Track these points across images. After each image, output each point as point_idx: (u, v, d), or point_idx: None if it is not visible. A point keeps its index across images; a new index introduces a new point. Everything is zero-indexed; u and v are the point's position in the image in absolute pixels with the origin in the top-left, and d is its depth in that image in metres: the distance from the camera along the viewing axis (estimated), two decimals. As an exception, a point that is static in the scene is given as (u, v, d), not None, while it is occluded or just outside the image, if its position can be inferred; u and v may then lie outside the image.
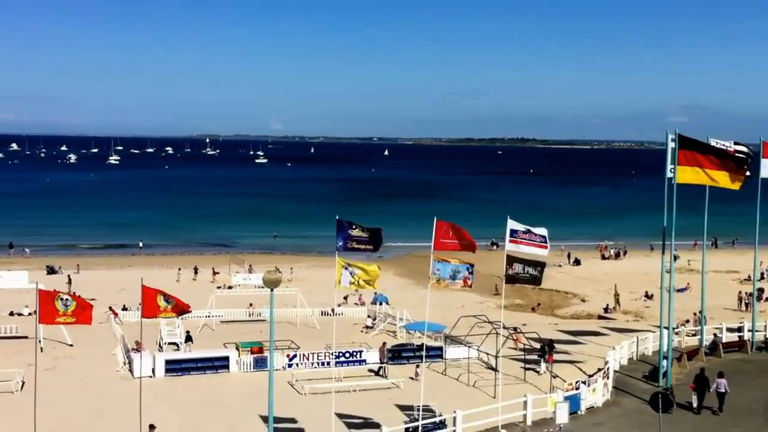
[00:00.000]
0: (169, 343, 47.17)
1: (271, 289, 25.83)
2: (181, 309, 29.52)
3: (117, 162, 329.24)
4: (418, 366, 41.03)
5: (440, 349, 45.55)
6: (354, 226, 31.22)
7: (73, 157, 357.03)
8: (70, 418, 34.38)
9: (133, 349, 43.22)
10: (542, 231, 35.13)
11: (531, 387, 39.18)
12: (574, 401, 34.85)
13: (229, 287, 66.97)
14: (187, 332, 47.86)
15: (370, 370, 43.17)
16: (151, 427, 29.76)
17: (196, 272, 79.31)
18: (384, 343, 45.89)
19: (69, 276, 73.32)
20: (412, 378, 40.72)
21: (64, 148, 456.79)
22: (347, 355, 44.32)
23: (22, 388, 38.04)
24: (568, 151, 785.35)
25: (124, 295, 63.59)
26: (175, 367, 41.88)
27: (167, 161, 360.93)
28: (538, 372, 41.86)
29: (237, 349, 44.29)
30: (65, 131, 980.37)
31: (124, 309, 57.69)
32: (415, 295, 68.43)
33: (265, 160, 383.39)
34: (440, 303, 59.58)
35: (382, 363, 43.15)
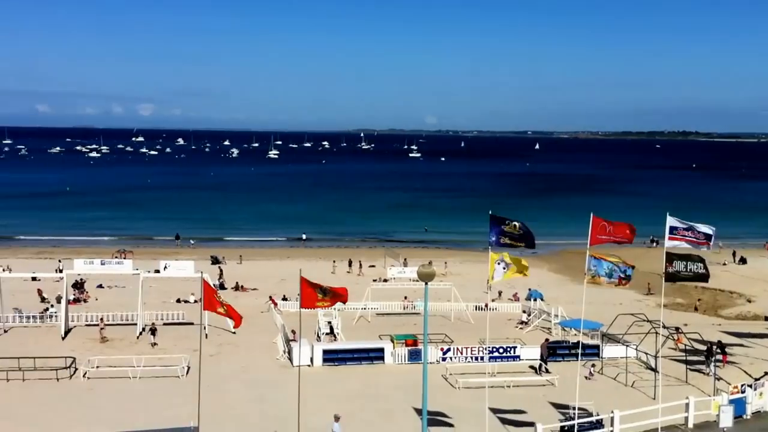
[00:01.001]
0: (327, 334, 48.28)
1: (426, 283, 25.97)
2: (338, 297, 29.99)
3: (276, 156, 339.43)
4: (593, 365, 40.37)
5: (597, 347, 44.52)
6: (507, 222, 30.90)
7: (235, 152, 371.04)
8: (233, 403, 35.81)
9: (291, 339, 44.56)
10: (708, 229, 33.62)
11: (693, 389, 37.74)
12: (739, 405, 33.34)
13: (385, 280, 67.82)
14: (329, 323, 48.88)
15: (531, 367, 42.73)
16: (336, 417, 30.55)
17: (350, 265, 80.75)
18: (546, 339, 45.31)
19: (220, 267, 75.30)
20: (586, 378, 39.92)
21: (227, 142, 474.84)
22: (501, 350, 44.06)
23: (187, 373, 39.94)
24: (733, 144, 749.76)
25: (283, 285, 65.53)
26: (332, 357, 42.89)
27: (324, 156, 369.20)
28: (705, 373, 40.28)
29: (392, 341, 44.86)
30: (229, 126, 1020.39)
31: (284, 299, 59.44)
32: (570, 291, 67.16)
33: (418, 155, 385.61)
34: (597, 300, 58.22)
35: (542, 359, 42.49)
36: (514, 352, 44.16)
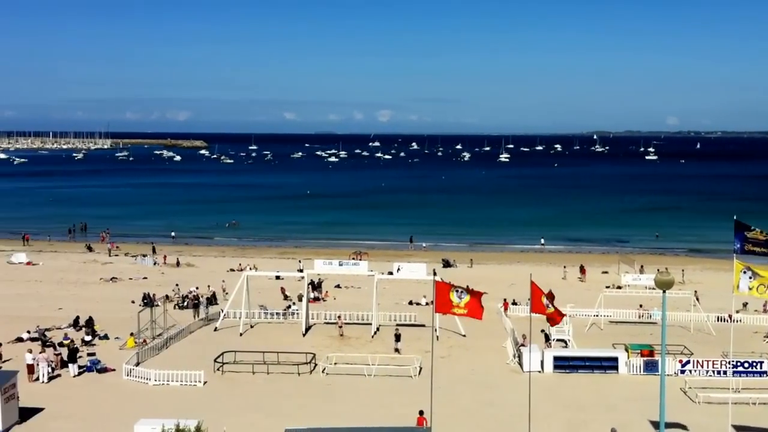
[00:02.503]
0: (558, 340, 47.53)
1: (663, 291, 24.98)
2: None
3: (507, 160, 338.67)
4: None
5: None
6: (752, 228, 29.06)
7: (467, 155, 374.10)
8: (463, 405, 36.12)
9: (521, 344, 44.27)
10: None
11: None
12: None
13: (618, 287, 65.75)
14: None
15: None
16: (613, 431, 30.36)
17: (581, 271, 79.01)
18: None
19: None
20: None
21: (459, 146, 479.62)
22: (746, 365, 41.39)
23: (419, 373, 40.76)
24: None
25: (514, 289, 65.25)
26: (563, 363, 42.17)
27: (556, 159, 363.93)
28: None
29: (626, 350, 43.45)
30: (462, 131, 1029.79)
31: (514, 303, 59.19)
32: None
33: (654, 157, 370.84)
34: None
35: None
36: (761, 368, 41.33)
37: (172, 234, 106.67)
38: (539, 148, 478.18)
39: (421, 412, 31.61)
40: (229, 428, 30.67)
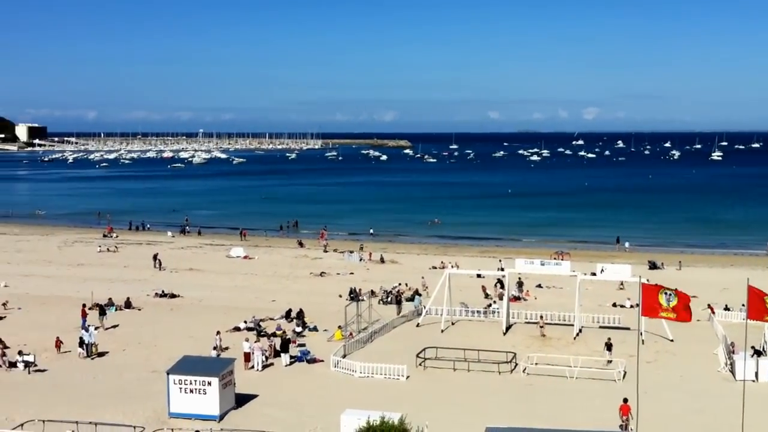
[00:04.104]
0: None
1: None
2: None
3: (719, 158, 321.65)
4: None
5: None
6: None
7: (676, 154, 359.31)
8: (670, 412, 34.98)
9: (732, 351, 42.21)
10: None
11: None
12: None
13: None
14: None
15: None
16: None
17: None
18: None
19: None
20: None
21: (667, 144, 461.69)
22: None
23: (623, 378, 39.80)
24: None
25: (726, 294, 62.13)
26: (779, 373, 39.80)
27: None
28: None
29: None
30: (673, 128, 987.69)
31: (726, 309, 56.40)
32: None
33: None
34: None
35: None
36: None
37: (371, 231, 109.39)
38: (756, 145, 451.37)
39: (625, 400, 31.08)
40: (431, 423, 31.31)
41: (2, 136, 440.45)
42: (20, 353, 42.23)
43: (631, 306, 56.37)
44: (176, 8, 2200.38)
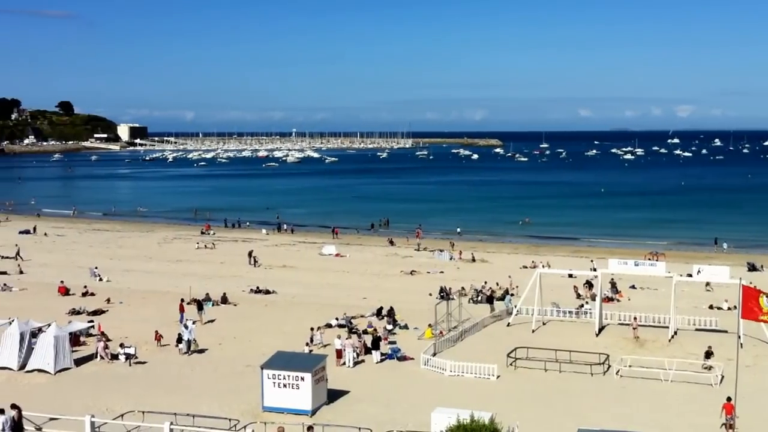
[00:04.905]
0: None
1: None
2: None
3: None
4: None
5: None
6: None
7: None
8: (770, 419, 34.03)
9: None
10: None
11: None
12: None
13: None
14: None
15: None
16: None
17: None
18: None
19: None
20: None
21: (767, 143, 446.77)
22: None
23: (720, 382, 38.86)
24: None
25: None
26: None
27: None
28: None
29: None
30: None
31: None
32: None
33: None
34: None
35: None
36: None
37: (458, 230, 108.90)
38: None
39: (729, 399, 30.50)
40: (521, 423, 31.25)
41: (105, 135, 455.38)
42: (122, 346, 43.78)
43: (729, 308, 54.94)
44: (270, 12, 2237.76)
